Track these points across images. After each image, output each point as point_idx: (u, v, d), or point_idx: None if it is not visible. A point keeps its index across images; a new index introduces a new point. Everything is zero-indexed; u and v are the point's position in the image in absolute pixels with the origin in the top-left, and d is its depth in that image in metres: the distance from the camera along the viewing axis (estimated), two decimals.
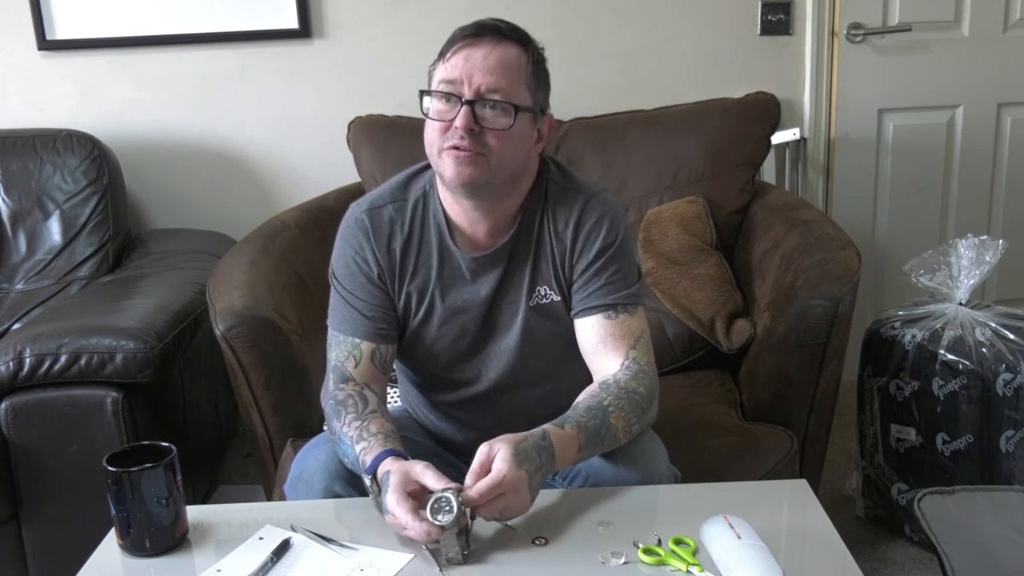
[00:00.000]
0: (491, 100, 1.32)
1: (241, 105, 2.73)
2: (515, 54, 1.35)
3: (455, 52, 1.34)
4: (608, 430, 1.30)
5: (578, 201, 1.44)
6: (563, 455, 1.25)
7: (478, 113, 1.32)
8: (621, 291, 1.42)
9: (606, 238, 1.42)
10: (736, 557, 1.14)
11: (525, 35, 1.39)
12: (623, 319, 1.41)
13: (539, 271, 1.45)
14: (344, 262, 1.46)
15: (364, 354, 1.44)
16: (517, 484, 1.17)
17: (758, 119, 2.45)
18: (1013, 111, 2.95)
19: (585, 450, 1.28)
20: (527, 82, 1.36)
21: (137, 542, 1.23)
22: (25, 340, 1.92)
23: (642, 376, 1.39)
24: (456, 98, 1.32)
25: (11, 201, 2.49)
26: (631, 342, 1.41)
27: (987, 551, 1.30)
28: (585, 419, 1.29)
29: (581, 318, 1.43)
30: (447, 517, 1.14)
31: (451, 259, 1.44)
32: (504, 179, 1.39)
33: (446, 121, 1.33)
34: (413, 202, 1.46)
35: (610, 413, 1.31)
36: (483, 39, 1.34)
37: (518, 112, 1.34)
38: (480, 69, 1.32)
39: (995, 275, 2.17)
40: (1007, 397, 2.00)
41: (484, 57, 1.33)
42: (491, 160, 1.34)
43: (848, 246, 1.97)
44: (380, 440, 1.31)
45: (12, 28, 2.64)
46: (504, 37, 1.35)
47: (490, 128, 1.33)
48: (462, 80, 1.32)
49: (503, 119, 1.33)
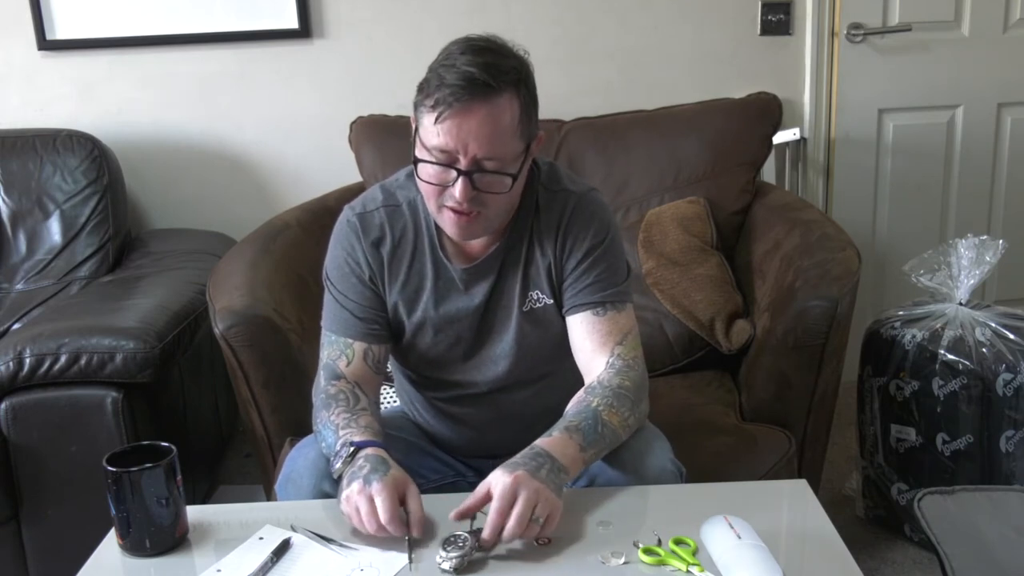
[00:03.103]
0: (488, 170, 1.30)
1: (241, 105, 2.73)
2: (507, 107, 1.29)
3: (447, 117, 1.26)
4: (604, 426, 1.30)
5: (567, 203, 1.44)
6: (564, 455, 1.25)
7: (475, 180, 1.30)
8: (609, 289, 1.43)
9: (594, 237, 1.43)
10: (736, 557, 1.14)
11: (513, 69, 1.30)
12: (611, 316, 1.42)
13: (530, 276, 1.46)
14: (336, 264, 1.47)
15: (356, 354, 1.44)
16: (522, 485, 1.17)
17: (759, 119, 2.45)
18: (1013, 111, 2.95)
19: (588, 449, 1.28)
20: (519, 129, 1.31)
21: (137, 542, 1.23)
22: (25, 340, 1.92)
23: (626, 371, 1.39)
24: (451, 167, 1.29)
25: (11, 201, 2.49)
26: (618, 338, 1.41)
27: (987, 551, 1.30)
28: (575, 422, 1.30)
29: (570, 315, 1.44)
30: (453, 554, 1.15)
31: (445, 271, 1.45)
32: (504, 221, 1.41)
33: (442, 186, 1.31)
34: (404, 208, 1.46)
35: (600, 412, 1.32)
36: (475, 103, 1.26)
37: (515, 177, 1.33)
38: (475, 138, 1.27)
39: (995, 275, 2.17)
40: (1007, 397, 2.00)
41: (479, 125, 1.26)
42: (489, 214, 1.35)
43: (848, 247, 1.97)
44: (370, 433, 1.32)
45: (12, 28, 2.64)
46: (493, 92, 1.27)
47: (488, 192, 1.31)
48: (457, 150, 1.28)
49: (502, 185, 1.32)
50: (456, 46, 1.31)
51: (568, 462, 1.24)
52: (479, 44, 1.31)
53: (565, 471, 1.23)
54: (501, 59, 1.30)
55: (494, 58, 1.29)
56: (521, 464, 1.20)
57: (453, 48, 1.31)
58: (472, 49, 1.29)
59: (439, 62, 1.30)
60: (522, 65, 1.33)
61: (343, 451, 1.28)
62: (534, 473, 1.19)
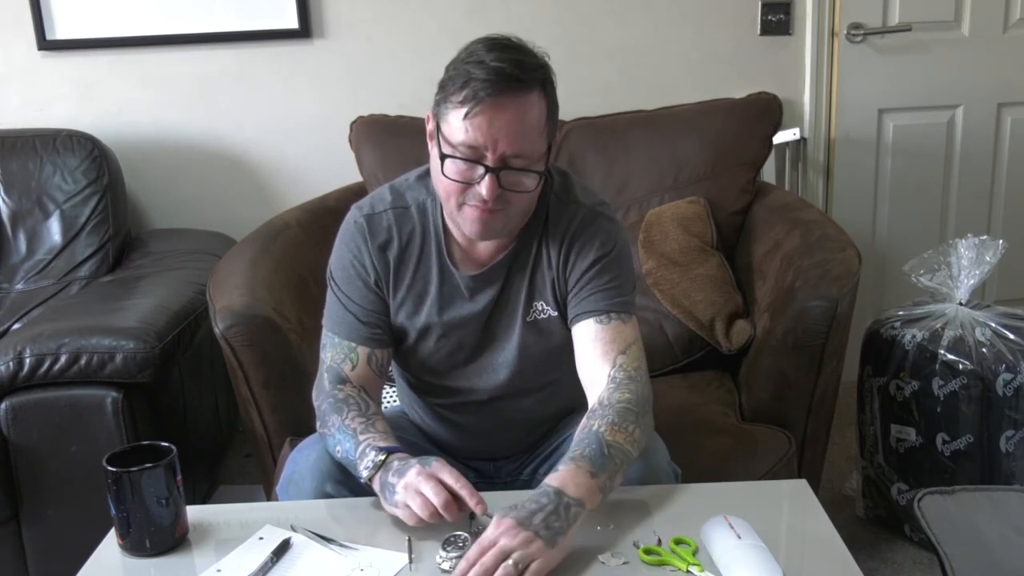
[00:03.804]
0: (517, 167, 1.28)
1: (241, 105, 2.73)
2: (535, 105, 1.28)
3: (478, 112, 1.24)
4: (610, 447, 1.25)
5: (575, 216, 1.42)
6: (575, 485, 1.18)
7: (502, 178, 1.28)
8: (615, 298, 1.40)
9: (599, 249, 1.41)
10: (736, 557, 1.14)
11: (540, 67, 1.30)
12: (615, 325, 1.40)
13: (536, 286, 1.44)
14: (342, 265, 1.45)
15: (360, 358, 1.43)
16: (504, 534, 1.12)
17: (760, 119, 2.45)
18: (1013, 111, 2.95)
19: (600, 474, 1.21)
20: (546, 129, 1.31)
21: (137, 542, 1.23)
22: (25, 340, 1.92)
23: (627, 383, 1.35)
24: (479, 163, 1.27)
25: (11, 201, 2.49)
26: (621, 347, 1.38)
27: (987, 551, 1.30)
28: (579, 451, 1.24)
29: (574, 324, 1.42)
30: (453, 554, 1.16)
31: (451, 278, 1.44)
32: (520, 223, 1.40)
33: (466, 183, 1.29)
34: (413, 211, 1.44)
35: (603, 434, 1.26)
36: (505, 98, 1.24)
37: (541, 176, 1.32)
38: (505, 136, 1.25)
39: (995, 275, 2.17)
40: (1007, 397, 2.00)
41: (509, 121, 1.25)
42: (510, 212, 1.33)
43: (848, 247, 1.97)
44: (391, 439, 1.32)
45: (12, 28, 2.64)
46: (524, 87, 1.26)
47: (513, 191, 1.30)
48: (486, 146, 1.26)
49: (528, 183, 1.31)
50: (480, 44, 1.29)
51: (581, 492, 1.18)
52: (504, 42, 1.29)
53: (579, 504, 1.17)
54: (528, 57, 1.29)
55: (521, 55, 1.28)
56: (515, 510, 1.15)
57: (477, 46, 1.29)
58: (498, 47, 1.28)
59: (462, 60, 1.28)
60: (546, 65, 1.32)
61: (373, 456, 1.27)
62: (523, 521, 1.13)
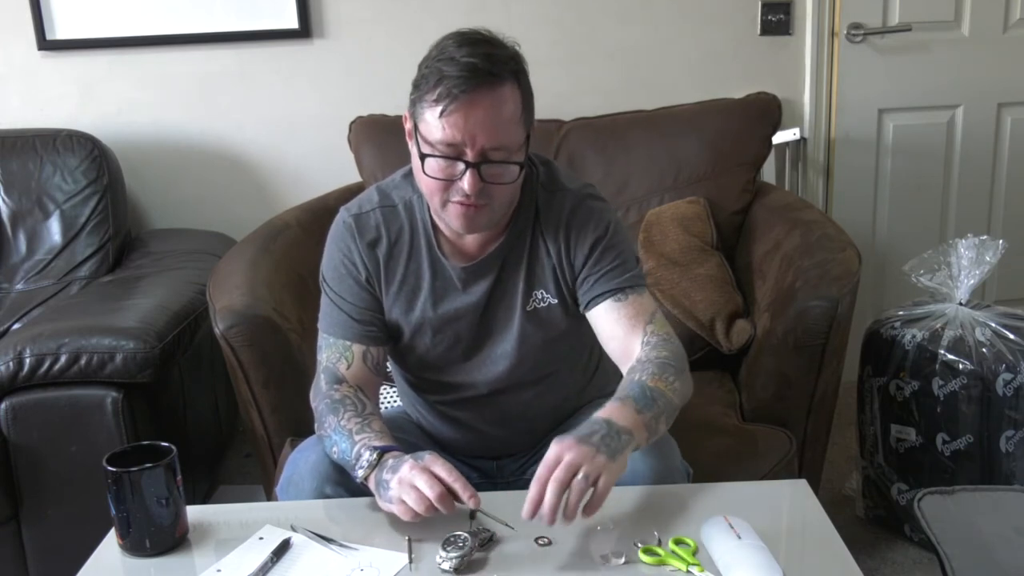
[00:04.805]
0: (497, 160, 1.29)
1: (241, 105, 2.73)
2: (510, 96, 1.29)
3: (453, 110, 1.25)
4: (652, 391, 1.28)
5: (565, 202, 1.44)
6: (622, 417, 1.21)
7: (483, 171, 1.29)
8: (624, 274, 1.42)
9: (595, 231, 1.42)
10: (736, 557, 1.14)
11: (511, 59, 1.31)
12: (633, 299, 1.41)
13: (535, 275, 1.45)
14: (333, 265, 1.46)
15: (355, 356, 1.44)
16: (567, 450, 1.14)
17: (759, 119, 2.45)
18: (1013, 111, 2.95)
19: (645, 411, 1.24)
20: (522, 119, 1.32)
21: (137, 542, 1.23)
22: (25, 340, 1.92)
23: (664, 343, 1.37)
24: (459, 160, 1.29)
25: (11, 201, 2.49)
26: (646, 318, 1.40)
27: (987, 551, 1.30)
28: (623, 393, 1.27)
29: (592, 309, 1.43)
30: (453, 554, 1.15)
31: (442, 270, 1.44)
32: (506, 214, 1.40)
33: (448, 180, 1.30)
34: (400, 209, 1.46)
35: (645, 381, 1.29)
36: (479, 93, 1.25)
37: (522, 166, 1.33)
38: (482, 130, 1.26)
39: (995, 275, 2.17)
40: (1007, 397, 2.00)
41: (485, 117, 1.26)
42: (495, 205, 1.34)
43: (848, 247, 1.97)
44: (387, 438, 1.32)
45: (12, 28, 2.64)
46: (497, 81, 1.27)
47: (495, 183, 1.31)
48: (464, 142, 1.27)
49: (509, 174, 1.32)
50: (449, 40, 1.30)
51: (628, 423, 1.21)
52: (473, 36, 1.30)
53: (627, 432, 1.20)
54: (498, 49, 1.30)
55: (491, 48, 1.29)
56: (570, 433, 1.18)
57: (446, 43, 1.30)
58: (468, 41, 1.29)
59: (434, 57, 1.29)
60: (517, 55, 1.33)
61: (368, 456, 1.27)
62: (583, 439, 1.16)
